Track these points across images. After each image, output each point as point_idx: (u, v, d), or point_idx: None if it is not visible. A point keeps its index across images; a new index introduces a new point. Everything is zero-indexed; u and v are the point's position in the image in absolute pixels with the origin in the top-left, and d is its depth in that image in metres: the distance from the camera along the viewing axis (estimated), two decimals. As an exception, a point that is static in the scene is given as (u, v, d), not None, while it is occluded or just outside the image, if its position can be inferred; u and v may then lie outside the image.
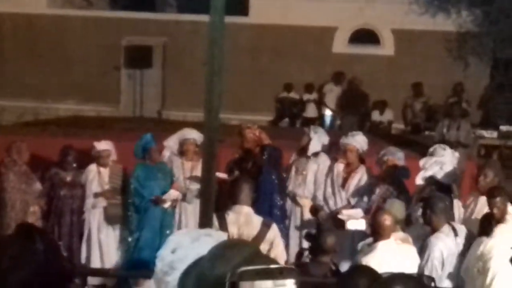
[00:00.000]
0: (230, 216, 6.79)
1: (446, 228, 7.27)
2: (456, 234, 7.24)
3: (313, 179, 9.82)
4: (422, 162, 8.84)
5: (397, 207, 7.32)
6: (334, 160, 9.73)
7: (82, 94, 19.82)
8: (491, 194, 7.81)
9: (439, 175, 8.58)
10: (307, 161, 9.92)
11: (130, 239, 9.72)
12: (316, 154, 9.90)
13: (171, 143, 10.25)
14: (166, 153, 10.28)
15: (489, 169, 8.44)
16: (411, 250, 6.73)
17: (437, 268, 6.98)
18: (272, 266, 2.49)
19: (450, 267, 7.17)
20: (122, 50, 19.25)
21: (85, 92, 19.76)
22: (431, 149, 9.13)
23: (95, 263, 9.78)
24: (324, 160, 9.86)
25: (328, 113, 18.42)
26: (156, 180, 9.70)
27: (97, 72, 19.54)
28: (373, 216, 7.01)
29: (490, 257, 6.49)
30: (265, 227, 6.86)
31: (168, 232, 9.54)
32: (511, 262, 6.51)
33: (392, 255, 6.45)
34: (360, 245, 7.14)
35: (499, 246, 6.51)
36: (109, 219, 9.81)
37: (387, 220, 6.67)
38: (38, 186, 9.64)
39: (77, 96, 19.90)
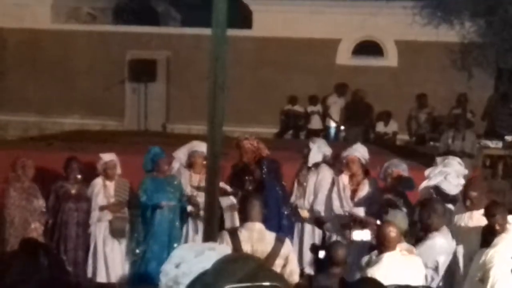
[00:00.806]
0: (243, 234, 6.72)
1: (444, 229, 7.33)
2: (453, 237, 7.31)
3: (313, 190, 9.82)
4: (427, 172, 8.86)
5: (400, 218, 7.33)
6: (339, 172, 9.73)
7: (87, 108, 19.87)
8: (490, 213, 7.80)
9: (443, 185, 8.58)
10: (308, 172, 9.94)
11: (137, 251, 9.72)
12: (316, 165, 9.90)
13: (181, 154, 10.27)
14: (176, 165, 10.30)
15: (472, 191, 8.41)
16: (417, 261, 6.73)
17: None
18: (263, 283, 2.48)
19: (443, 267, 7.22)
20: (126, 64, 19.31)
21: (89, 106, 19.82)
22: (443, 161, 9.14)
23: (101, 277, 9.78)
24: (325, 171, 9.86)
25: (332, 125, 18.42)
26: (165, 193, 9.71)
27: (102, 86, 19.57)
28: (378, 228, 6.99)
29: (491, 266, 6.54)
30: (279, 242, 6.80)
31: (175, 245, 9.55)
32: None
33: (398, 266, 6.45)
34: (365, 258, 7.13)
35: (500, 256, 6.54)
36: (115, 233, 9.81)
37: (392, 231, 6.67)
38: (40, 203, 9.59)
39: (82, 110, 19.95)
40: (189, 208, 9.78)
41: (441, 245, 7.27)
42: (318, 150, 9.90)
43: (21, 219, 9.42)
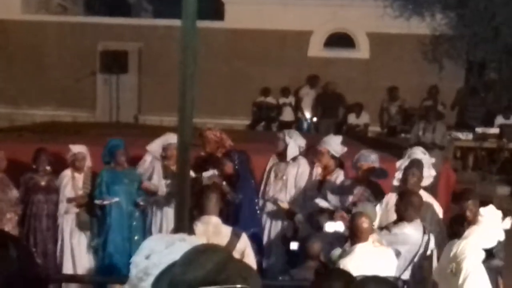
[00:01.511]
0: (199, 227, 6.68)
1: (417, 222, 7.37)
2: (425, 232, 7.34)
3: (294, 184, 9.83)
4: (398, 163, 8.89)
5: (369, 210, 7.36)
6: (312, 164, 9.76)
7: (58, 99, 19.76)
8: (463, 197, 7.87)
9: None
10: (286, 166, 9.93)
11: (92, 244, 9.68)
12: (294, 158, 9.91)
13: (155, 147, 10.19)
14: (148, 158, 10.24)
15: (416, 169, 8.50)
16: (389, 252, 6.74)
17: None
18: (236, 286, 2.48)
19: (406, 258, 7.25)
20: (98, 55, 19.21)
21: (61, 98, 19.71)
22: (410, 151, 9.19)
23: (68, 269, 9.69)
24: (303, 164, 9.87)
25: (307, 116, 18.47)
26: (122, 185, 9.61)
27: (73, 77, 19.49)
28: (350, 219, 7.00)
29: (463, 258, 6.55)
30: (235, 236, 6.76)
31: (136, 237, 9.52)
32: (483, 263, 6.58)
33: (370, 257, 6.46)
34: (336, 250, 7.14)
35: (472, 247, 6.57)
36: (81, 225, 9.74)
37: (365, 222, 6.66)
38: (14, 193, 9.52)
39: (53, 101, 19.83)
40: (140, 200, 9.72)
41: (408, 235, 7.30)
42: (295, 143, 9.91)
43: (-2, 210, 9.37)
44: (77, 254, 9.75)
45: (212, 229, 6.70)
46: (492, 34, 16.34)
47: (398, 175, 8.77)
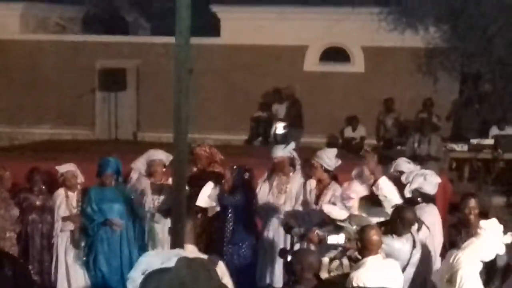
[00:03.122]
0: None
1: (408, 236, 7.46)
2: (414, 246, 7.41)
3: (295, 196, 9.88)
4: (403, 178, 8.94)
5: (366, 222, 7.46)
6: (307, 177, 9.84)
7: (57, 118, 19.87)
8: (465, 198, 8.02)
9: (425, 186, 8.71)
10: (288, 179, 10.01)
11: (81, 261, 9.67)
12: (295, 170, 10.01)
13: (139, 164, 10.27)
14: (134, 175, 10.34)
15: (372, 160, 8.67)
16: (396, 265, 6.77)
17: None
18: None
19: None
20: (96, 73, 19.29)
21: (60, 116, 19.82)
22: (394, 164, 9.33)
23: (62, 287, 9.74)
24: (302, 176, 9.96)
25: (279, 130, 18.30)
26: (111, 202, 9.59)
27: (72, 95, 19.59)
28: (360, 232, 7.04)
29: (458, 268, 6.69)
30: (212, 264, 6.48)
31: (126, 251, 9.57)
32: (480, 274, 6.72)
33: (381, 270, 6.51)
34: (327, 258, 7.21)
35: (468, 259, 6.70)
36: (76, 243, 9.72)
37: (375, 235, 6.70)
38: (15, 212, 9.56)
39: (52, 120, 19.94)
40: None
41: (395, 249, 7.36)
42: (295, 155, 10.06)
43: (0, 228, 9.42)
44: (72, 272, 9.74)
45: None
46: (486, 46, 16.48)
47: (409, 187, 8.82)
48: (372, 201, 8.67)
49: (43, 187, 9.88)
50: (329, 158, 9.46)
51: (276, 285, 9.61)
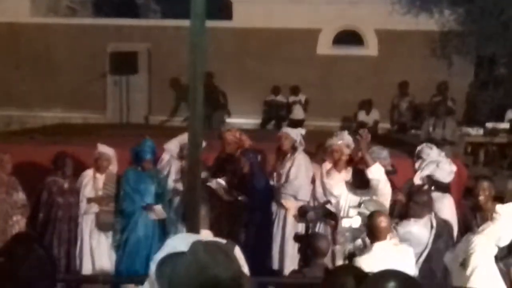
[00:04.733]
0: None
1: (426, 219, 7.39)
2: (432, 227, 7.37)
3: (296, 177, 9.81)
4: (417, 164, 8.86)
5: (373, 206, 7.40)
6: (322, 161, 9.75)
7: (69, 101, 19.84)
8: (478, 180, 7.90)
9: (437, 173, 8.61)
10: (287, 160, 9.94)
11: (114, 244, 9.71)
12: (294, 152, 9.92)
13: (172, 146, 10.21)
14: (166, 156, 10.28)
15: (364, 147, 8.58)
16: (409, 250, 6.75)
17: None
18: None
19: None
20: (108, 56, 19.27)
21: (71, 100, 19.79)
22: (418, 149, 9.20)
23: (87, 270, 9.74)
24: (303, 156, 9.89)
25: None
26: (147, 184, 9.65)
27: (83, 79, 19.56)
28: (368, 218, 6.99)
29: (472, 252, 6.62)
30: (230, 249, 6.73)
31: (157, 237, 9.56)
32: (495, 258, 6.62)
33: (389, 256, 6.47)
34: (350, 246, 7.16)
35: (482, 243, 6.62)
36: (101, 226, 9.74)
37: (383, 222, 6.66)
38: (20, 196, 9.54)
39: (64, 104, 19.92)
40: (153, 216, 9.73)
41: (413, 233, 7.32)
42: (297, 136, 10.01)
43: (1, 212, 9.36)
44: (96, 255, 9.78)
45: None
46: (501, 29, 16.32)
47: (420, 173, 8.73)
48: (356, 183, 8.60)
49: (71, 170, 9.83)
50: (349, 139, 9.43)
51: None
